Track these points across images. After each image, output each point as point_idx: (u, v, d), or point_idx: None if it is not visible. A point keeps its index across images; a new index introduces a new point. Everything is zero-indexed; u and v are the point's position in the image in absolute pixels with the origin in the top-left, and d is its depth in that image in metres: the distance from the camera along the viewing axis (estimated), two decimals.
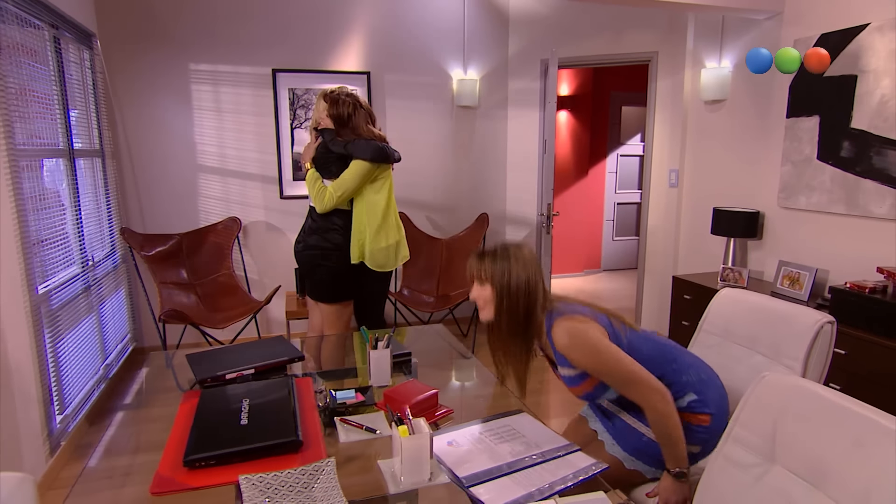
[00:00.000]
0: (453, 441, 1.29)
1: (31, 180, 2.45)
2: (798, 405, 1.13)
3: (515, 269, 1.43)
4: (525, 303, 1.42)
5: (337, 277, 2.58)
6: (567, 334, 1.37)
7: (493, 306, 1.45)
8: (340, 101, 2.54)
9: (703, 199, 3.64)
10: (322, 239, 2.55)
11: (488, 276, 1.44)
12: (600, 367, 1.36)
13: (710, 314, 1.90)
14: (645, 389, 1.36)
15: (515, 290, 1.42)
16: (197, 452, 1.17)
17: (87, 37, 3.32)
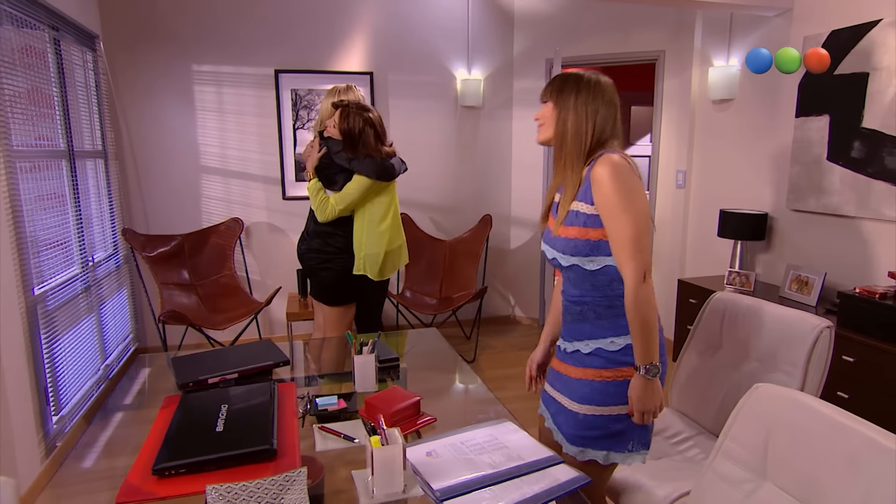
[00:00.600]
0: (433, 451, 1.25)
1: (28, 182, 2.45)
2: (791, 419, 1.08)
3: (584, 97, 1.33)
4: (586, 136, 1.32)
5: (339, 281, 2.56)
6: (612, 164, 1.26)
7: (550, 127, 1.37)
8: (351, 117, 2.41)
9: (711, 201, 3.56)
10: (324, 243, 2.54)
11: (555, 96, 1.36)
12: (620, 212, 1.24)
13: (704, 319, 1.85)
14: (640, 259, 1.25)
15: (577, 118, 1.32)
16: (167, 460, 1.14)
17: (90, 38, 3.34)
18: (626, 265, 1.27)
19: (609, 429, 1.33)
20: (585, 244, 1.31)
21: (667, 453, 1.74)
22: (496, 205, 4.45)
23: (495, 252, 4.48)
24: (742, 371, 1.70)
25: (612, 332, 1.33)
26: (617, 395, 1.33)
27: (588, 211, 1.31)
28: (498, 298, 4.60)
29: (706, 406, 1.82)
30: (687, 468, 1.64)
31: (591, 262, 1.32)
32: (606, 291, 1.33)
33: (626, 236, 1.26)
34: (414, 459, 1.21)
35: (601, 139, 1.34)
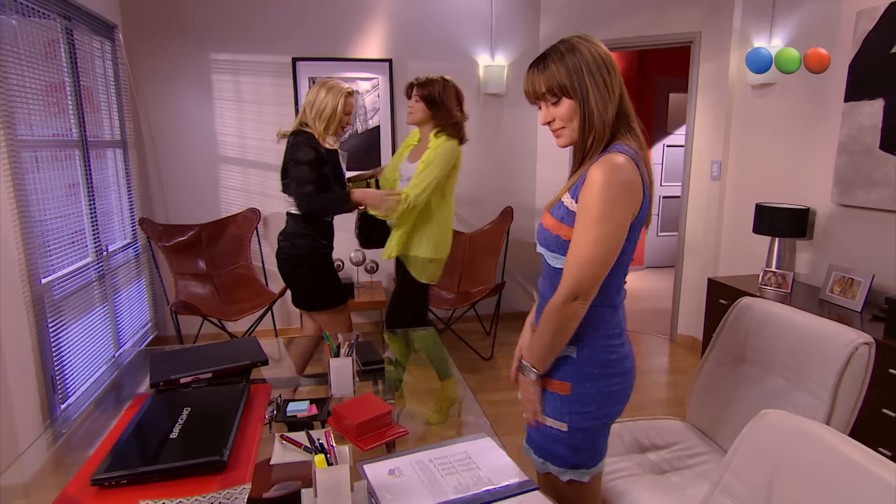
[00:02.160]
0: (396, 469, 1.14)
1: (36, 172, 2.46)
2: (802, 455, 0.91)
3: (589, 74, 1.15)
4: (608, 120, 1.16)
5: (314, 286, 2.41)
6: (610, 168, 1.10)
7: (577, 125, 1.18)
8: (431, 81, 2.42)
9: (748, 194, 3.30)
10: (292, 246, 2.39)
11: (563, 86, 1.16)
12: (591, 224, 1.10)
13: (728, 326, 1.66)
14: (583, 276, 1.11)
15: (596, 100, 1.15)
16: (108, 471, 1.07)
17: (109, 28, 3.35)
18: (568, 274, 1.15)
19: (546, 437, 1.27)
20: (554, 239, 1.21)
21: (675, 467, 1.58)
22: (519, 196, 4.28)
23: (517, 245, 4.32)
24: (765, 387, 1.52)
25: None
26: (548, 405, 1.25)
27: (571, 207, 1.18)
28: (519, 293, 4.45)
29: (723, 423, 1.64)
30: (693, 485, 1.48)
31: (555, 259, 1.22)
32: None
33: (583, 248, 1.13)
34: (373, 477, 1.10)
35: (617, 119, 1.19)
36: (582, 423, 1.22)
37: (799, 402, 1.38)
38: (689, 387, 3.21)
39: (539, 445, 1.29)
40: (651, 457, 1.65)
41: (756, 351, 1.57)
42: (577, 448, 1.24)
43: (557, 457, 1.26)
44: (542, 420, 1.27)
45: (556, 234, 1.20)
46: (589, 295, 1.14)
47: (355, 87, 3.89)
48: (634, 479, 1.51)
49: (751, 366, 1.59)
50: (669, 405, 3.03)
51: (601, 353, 1.22)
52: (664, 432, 1.73)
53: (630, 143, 1.18)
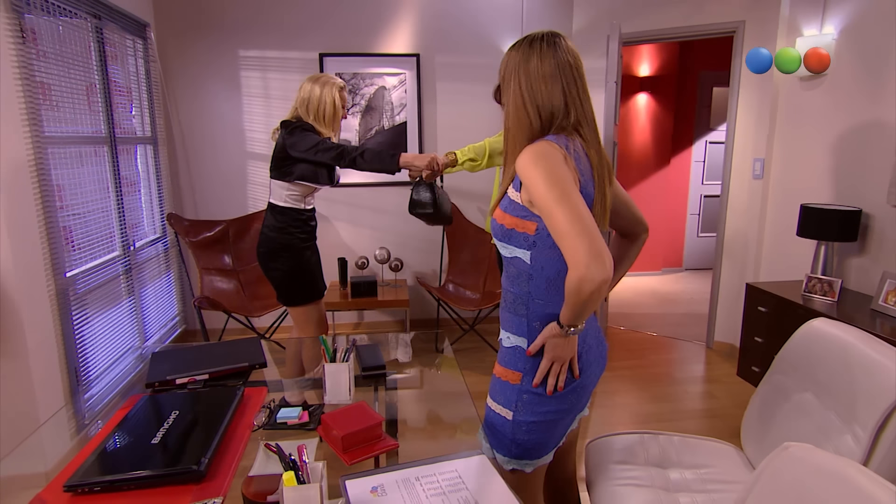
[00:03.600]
0: (379, 487, 1.07)
1: (63, 167, 2.51)
2: (826, 494, 0.79)
3: (534, 74, 1.17)
4: (537, 116, 1.18)
5: (289, 278, 2.37)
6: (529, 151, 1.13)
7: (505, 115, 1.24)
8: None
9: (792, 194, 3.08)
10: (267, 238, 2.36)
11: (501, 80, 1.23)
12: (550, 200, 1.06)
13: (790, 350, 1.49)
14: (582, 240, 1.02)
15: (531, 98, 1.17)
16: (82, 477, 1.05)
17: (141, 27, 3.40)
18: (565, 252, 1.06)
19: (493, 423, 1.26)
20: (500, 228, 1.22)
21: (691, 490, 1.45)
22: None
23: None
24: (815, 422, 1.36)
25: (509, 327, 1.25)
26: (500, 394, 1.24)
27: (512, 196, 1.20)
28: None
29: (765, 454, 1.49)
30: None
31: (505, 248, 1.23)
32: (515, 284, 1.24)
33: (558, 219, 1.06)
34: (354, 495, 1.04)
35: (555, 129, 1.18)
36: (527, 416, 1.21)
37: (841, 445, 1.23)
38: (723, 398, 3.05)
39: (488, 432, 1.28)
40: (672, 474, 1.52)
41: (815, 380, 1.41)
42: (520, 440, 1.22)
43: (503, 445, 1.25)
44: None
45: (500, 223, 1.21)
46: (600, 259, 1.01)
47: (382, 82, 3.84)
48: (635, 489, 1.40)
49: (808, 395, 1.42)
50: (701, 417, 2.86)
51: None
52: (702, 453, 1.59)
53: (567, 136, 1.18)
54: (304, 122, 2.26)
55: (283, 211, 2.32)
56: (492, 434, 1.27)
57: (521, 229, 1.18)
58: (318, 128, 2.27)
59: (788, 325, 2.53)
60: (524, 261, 1.20)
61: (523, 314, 1.21)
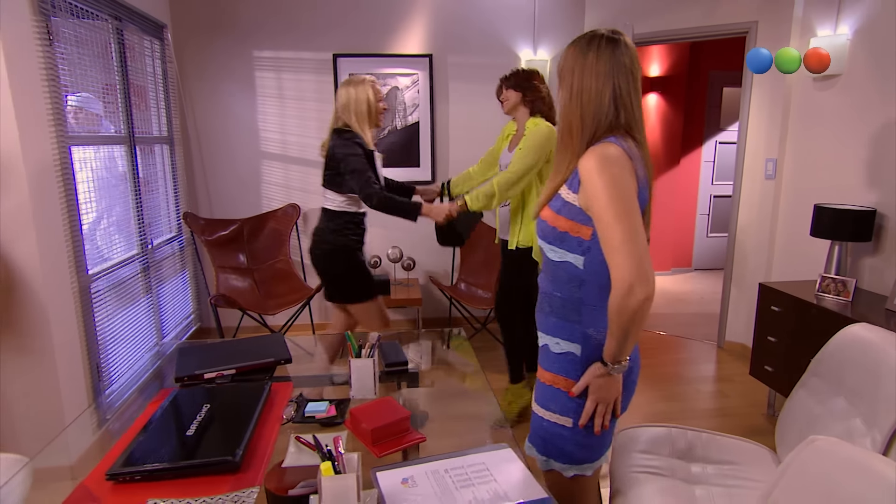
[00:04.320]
0: (410, 478, 1.10)
1: (85, 166, 2.55)
2: (857, 490, 0.81)
3: (583, 75, 1.16)
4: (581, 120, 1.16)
5: (347, 279, 2.47)
6: (598, 156, 1.10)
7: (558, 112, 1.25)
8: (515, 72, 2.57)
9: (805, 194, 3.09)
10: (322, 241, 2.45)
11: (559, 75, 1.23)
12: (606, 210, 1.07)
13: (827, 354, 1.50)
14: (633, 258, 1.04)
15: (572, 100, 1.17)
16: (123, 466, 1.08)
17: (159, 28, 3.45)
18: (612, 267, 1.08)
19: (550, 434, 1.24)
20: (552, 231, 1.20)
21: (710, 483, 1.47)
22: None
23: None
24: (845, 426, 1.37)
25: (559, 333, 1.22)
26: (553, 402, 1.23)
27: (567, 198, 1.16)
28: None
29: None
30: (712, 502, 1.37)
31: (553, 251, 1.21)
32: (563, 289, 1.21)
33: (613, 233, 1.07)
34: (385, 486, 1.07)
35: (601, 129, 1.16)
36: (588, 420, 1.20)
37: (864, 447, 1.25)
38: (735, 397, 3.06)
39: (542, 443, 1.26)
40: (694, 467, 1.55)
41: (848, 385, 1.42)
42: (581, 444, 1.22)
43: (562, 453, 1.23)
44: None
45: (553, 226, 1.19)
46: (646, 278, 1.04)
47: (395, 82, 3.87)
48: (653, 477, 1.43)
49: (841, 400, 1.44)
50: (713, 416, 2.87)
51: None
52: (732, 451, 1.60)
53: (623, 138, 1.16)
54: (352, 134, 2.35)
55: (339, 215, 2.43)
56: (548, 443, 1.25)
57: (575, 233, 1.16)
58: (362, 127, 2.38)
59: (803, 324, 2.55)
60: (576, 266, 1.17)
61: (576, 320, 1.19)
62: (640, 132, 1.18)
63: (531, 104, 2.55)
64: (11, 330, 2.20)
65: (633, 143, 1.16)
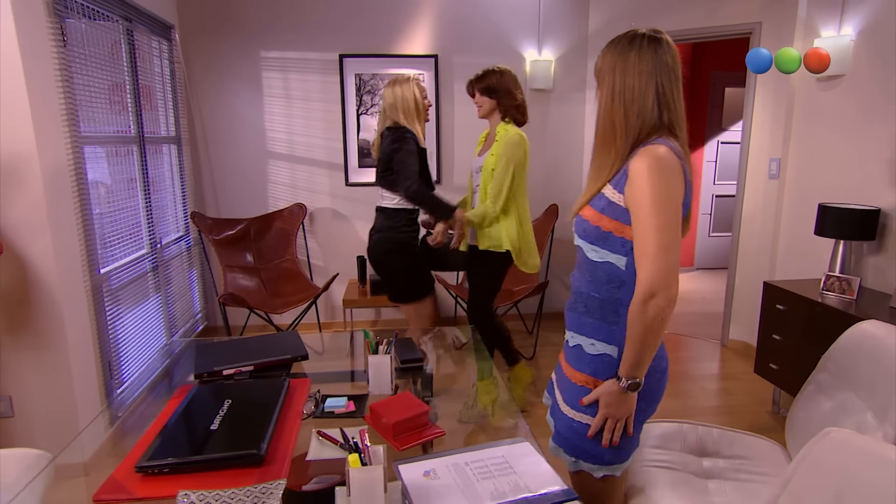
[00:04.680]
0: (431, 471, 1.12)
1: (97, 167, 2.57)
2: (872, 480, 0.84)
3: (625, 74, 1.14)
4: (624, 119, 1.14)
5: (406, 277, 2.55)
6: (652, 158, 1.09)
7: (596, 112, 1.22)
8: (488, 73, 2.55)
9: (809, 194, 3.11)
10: (385, 238, 2.53)
11: (596, 75, 1.21)
12: (649, 213, 1.08)
13: (837, 349, 1.52)
14: (662, 268, 1.06)
15: (614, 100, 1.15)
16: (151, 459, 1.10)
17: (166, 28, 3.47)
18: (641, 271, 1.10)
19: (580, 435, 1.23)
20: (594, 230, 1.18)
21: (722, 477, 1.50)
22: (565, 194, 4.19)
23: (561, 244, 4.24)
24: (854, 421, 1.40)
25: (595, 334, 1.21)
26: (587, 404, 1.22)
27: (613, 198, 1.15)
28: (563, 292, 4.36)
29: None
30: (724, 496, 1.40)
31: (595, 251, 1.19)
32: (602, 289, 1.20)
33: (649, 239, 1.08)
34: (408, 479, 1.09)
35: (646, 127, 1.14)
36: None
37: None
38: (740, 395, 3.09)
39: (571, 444, 1.25)
40: (705, 462, 1.57)
41: (859, 380, 1.44)
42: (613, 446, 1.21)
43: (592, 454, 1.23)
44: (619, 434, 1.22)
45: (595, 225, 1.17)
46: (668, 287, 1.07)
47: None
48: (666, 472, 1.45)
49: (851, 395, 1.46)
50: (718, 414, 2.90)
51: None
52: (743, 446, 1.63)
53: (669, 139, 1.15)
54: (404, 129, 2.43)
55: (396, 212, 2.51)
56: (577, 444, 1.24)
57: (619, 234, 1.15)
58: (412, 124, 2.46)
59: (808, 323, 2.57)
60: (617, 266, 1.17)
61: (614, 321, 1.18)
62: (683, 131, 1.17)
63: (505, 111, 2.57)
64: (28, 328, 2.23)
65: (678, 144, 1.15)
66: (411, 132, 2.43)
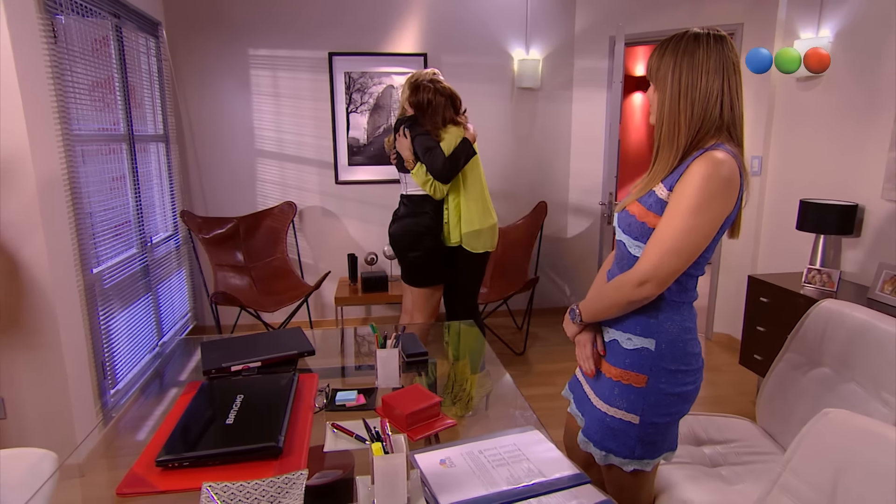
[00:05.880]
0: (447, 459, 1.16)
1: (89, 165, 2.55)
2: (870, 458, 0.89)
3: (693, 71, 1.13)
4: (689, 118, 1.14)
5: (428, 261, 2.65)
6: (712, 164, 1.09)
7: (655, 108, 1.22)
8: (421, 88, 2.56)
9: (790, 190, 3.22)
10: (414, 223, 2.62)
11: (654, 74, 1.19)
12: (684, 213, 1.10)
13: (804, 329, 1.60)
14: (666, 266, 1.11)
15: (681, 98, 1.14)
16: (170, 453, 1.12)
17: (153, 25, 3.43)
18: (647, 258, 1.15)
19: (612, 430, 1.26)
20: (640, 227, 1.19)
21: (728, 462, 1.56)
22: (553, 192, 4.25)
23: (551, 241, 4.30)
24: (837, 393, 1.47)
25: (633, 329, 1.23)
26: (621, 398, 1.24)
27: (661, 195, 1.17)
28: (553, 289, 4.43)
29: (791, 426, 1.60)
30: (741, 481, 1.46)
31: (638, 247, 1.21)
32: None
33: (671, 236, 1.12)
34: (425, 467, 1.12)
35: (707, 125, 1.15)
36: (654, 417, 1.21)
37: (870, 412, 1.35)
38: (725, 386, 3.18)
39: (602, 437, 1.27)
40: (705, 450, 1.64)
41: (832, 355, 1.52)
42: (646, 441, 1.23)
43: (624, 448, 1.24)
44: (599, 366, 1.30)
45: (641, 222, 1.18)
46: (661, 284, 1.13)
47: (390, 81, 3.92)
48: (680, 466, 1.51)
49: (825, 370, 1.54)
50: (705, 404, 2.99)
51: (679, 348, 1.20)
52: (726, 429, 1.71)
53: (728, 144, 1.16)
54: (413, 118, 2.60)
55: (423, 198, 2.62)
56: (609, 438, 1.25)
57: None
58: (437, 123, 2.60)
59: (790, 314, 2.66)
60: None
61: (653, 315, 1.20)
62: (741, 130, 1.19)
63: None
64: (21, 328, 2.20)
65: (734, 146, 1.17)
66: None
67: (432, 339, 2.12)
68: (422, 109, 2.57)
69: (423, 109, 2.57)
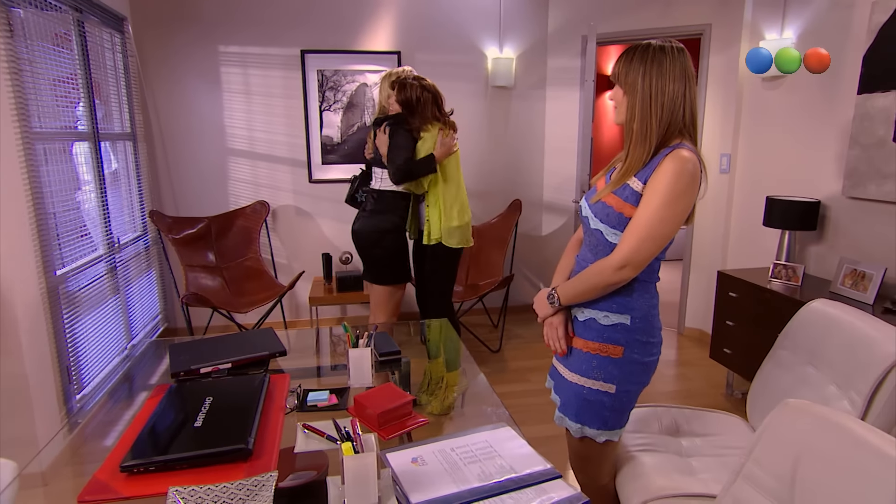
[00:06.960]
0: (419, 458, 1.15)
1: (50, 164, 2.47)
2: (826, 446, 0.92)
3: (661, 78, 1.28)
4: (659, 119, 1.29)
5: (391, 258, 2.65)
6: (681, 161, 1.25)
7: (622, 112, 1.36)
8: (408, 86, 2.58)
9: (757, 187, 3.30)
10: (381, 220, 2.63)
11: (623, 80, 1.33)
12: (657, 205, 1.25)
13: (792, 328, 1.64)
14: (644, 251, 1.27)
15: (652, 101, 1.29)
16: (136, 457, 1.09)
17: (119, 21, 3.35)
18: (627, 244, 1.29)
19: (588, 402, 1.39)
20: (617, 217, 1.32)
21: (702, 454, 1.59)
22: (527, 190, 4.28)
23: (525, 239, 4.33)
24: (819, 393, 1.50)
25: (609, 308, 1.37)
26: (598, 370, 1.38)
27: (636, 188, 1.31)
28: (527, 286, 4.46)
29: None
30: (708, 471, 1.49)
31: (615, 234, 1.34)
32: None
33: (648, 224, 1.26)
34: (396, 466, 1.12)
35: (673, 126, 1.31)
36: (628, 385, 1.36)
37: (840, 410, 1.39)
38: (697, 379, 3.24)
39: (577, 410, 1.40)
40: (683, 441, 1.67)
41: (816, 354, 1.56)
42: (618, 409, 1.37)
43: (598, 419, 1.38)
44: (570, 343, 1.43)
45: (619, 212, 1.32)
46: (638, 267, 1.29)
47: (363, 79, 3.89)
48: (651, 453, 1.54)
49: (810, 368, 1.57)
50: (677, 398, 3.04)
51: (648, 322, 1.37)
52: (710, 423, 1.74)
53: (689, 144, 1.32)
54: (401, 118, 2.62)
55: (394, 195, 2.64)
56: (586, 410, 1.39)
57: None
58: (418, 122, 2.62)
59: (758, 308, 2.73)
60: None
61: (627, 294, 1.36)
62: (697, 131, 1.35)
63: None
64: None
65: (693, 144, 1.32)
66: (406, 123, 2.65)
67: (406, 337, 2.12)
68: (411, 107, 2.58)
69: (413, 107, 2.58)
